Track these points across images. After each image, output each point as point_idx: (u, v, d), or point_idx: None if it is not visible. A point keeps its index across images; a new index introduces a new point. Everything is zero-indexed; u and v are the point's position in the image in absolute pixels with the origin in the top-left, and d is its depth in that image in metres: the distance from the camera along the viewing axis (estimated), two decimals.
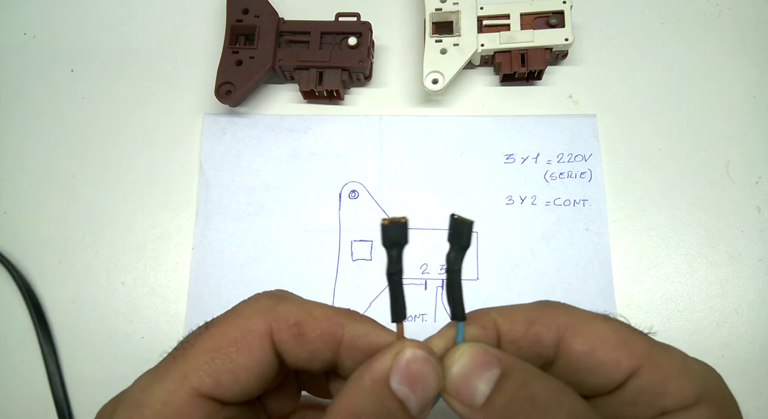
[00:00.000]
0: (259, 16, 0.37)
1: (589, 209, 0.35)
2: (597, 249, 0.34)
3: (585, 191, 0.35)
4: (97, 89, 0.39)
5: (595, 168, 0.36)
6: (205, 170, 0.37)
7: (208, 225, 0.35)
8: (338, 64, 0.36)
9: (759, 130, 0.36)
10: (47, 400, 0.33)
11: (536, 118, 0.37)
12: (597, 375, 0.19)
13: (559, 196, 0.35)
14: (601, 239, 0.34)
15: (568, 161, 0.36)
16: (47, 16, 0.41)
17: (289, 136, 0.37)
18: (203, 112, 0.38)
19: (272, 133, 0.37)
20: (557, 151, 0.36)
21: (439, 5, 0.37)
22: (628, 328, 0.20)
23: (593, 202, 0.35)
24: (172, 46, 0.40)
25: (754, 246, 0.34)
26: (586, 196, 0.35)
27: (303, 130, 0.37)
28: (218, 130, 0.37)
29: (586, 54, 0.38)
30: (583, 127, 0.37)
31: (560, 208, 0.35)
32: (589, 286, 0.33)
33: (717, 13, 0.39)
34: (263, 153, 0.37)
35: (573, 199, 0.35)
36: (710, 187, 0.35)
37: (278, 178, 0.36)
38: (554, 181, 0.36)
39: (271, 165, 0.37)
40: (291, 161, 0.37)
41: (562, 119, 0.37)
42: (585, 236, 0.35)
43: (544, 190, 0.35)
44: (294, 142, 0.37)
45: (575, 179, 0.36)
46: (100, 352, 0.34)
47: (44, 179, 0.37)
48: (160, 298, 0.35)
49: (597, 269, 0.34)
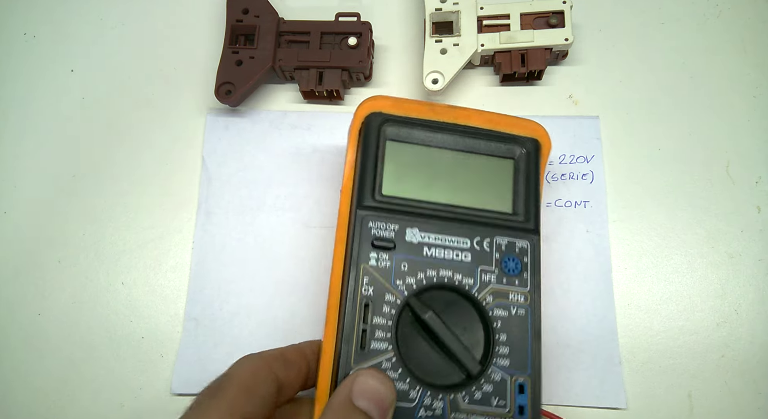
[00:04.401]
0: (259, 16, 0.37)
1: (590, 211, 0.35)
2: (597, 250, 0.34)
3: (586, 193, 0.35)
4: (97, 89, 0.39)
5: (597, 169, 0.36)
6: (207, 165, 0.37)
7: (209, 219, 0.36)
8: (338, 64, 0.36)
9: (759, 130, 0.36)
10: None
11: (538, 119, 0.37)
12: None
13: (560, 198, 0.35)
14: (602, 241, 0.34)
15: (570, 163, 0.36)
16: (47, 16, 0.41)
17: (291, 132, 0.37)
18: (204, 111, 0.38)
19: (275, 129, 0.37)
20: (559, 152, 0.36)
21: (439, 5, 0.37)
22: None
23: (594, 204, 0.35)
24: (172, 46, 0.40)
25: (754, 246, 0.34)
26: (588, 198, 0.35)
27: (306, 127, 0.37)
28: (221, 127, 0.37)
29: (586, 54, 0.39)
30: (585, 129, 0.37)
31: (561, 209, 0.35)
32: (589, 287, 0.33)
33: (717, 13, 0.39)
34: (266, 149, 0.37)
35: (574, 201, 0.35)
36: (710, 187, 0.35)
37: (280, 174, 0.36)
38: (556, 183, 0.36)
39: (274, 161, 0.37)
40: (293, 157, 0.37)
41: (564, 121, 0.37)
42: (586, 237, 0.35)
43: (546, 191, 0.35)
44: (297, 139, 0.37)
45: (577, 180, 0.36)
46: (100, 352, 0.34)
47: (44, 179, 0.37)
48: (160, 298, 0.35)
49: (597, 270, 0.34)
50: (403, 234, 0.27)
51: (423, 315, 0.26)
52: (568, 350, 0.32)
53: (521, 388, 0.26)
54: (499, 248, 0.28)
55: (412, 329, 0.26)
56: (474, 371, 0.25)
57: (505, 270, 0.27)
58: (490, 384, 0.25)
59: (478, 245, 0.27)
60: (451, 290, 0.27)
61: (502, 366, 0.26)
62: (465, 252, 0.27)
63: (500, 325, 0.26)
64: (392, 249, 0.27)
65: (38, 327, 0.34)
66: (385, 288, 0.26)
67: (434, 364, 0.26)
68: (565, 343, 0.32)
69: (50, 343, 0.34)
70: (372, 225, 0.27)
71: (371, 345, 0.25)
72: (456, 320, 0.26)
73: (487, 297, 0.27)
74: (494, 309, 0.27)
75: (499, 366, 0.26)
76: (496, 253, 0.27)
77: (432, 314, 0.26)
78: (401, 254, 0.27)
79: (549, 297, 0.33)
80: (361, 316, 0.26)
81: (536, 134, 0.30)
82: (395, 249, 0.27)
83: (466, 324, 0.26)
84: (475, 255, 0.27)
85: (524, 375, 0.26)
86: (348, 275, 0.26)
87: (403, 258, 0.27)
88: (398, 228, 0.27)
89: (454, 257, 0.27)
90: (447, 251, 0.27)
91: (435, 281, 0.27)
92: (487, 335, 0.26)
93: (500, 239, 0.28)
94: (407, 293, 0.26)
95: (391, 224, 0.27)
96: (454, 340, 0.25)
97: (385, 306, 0.26)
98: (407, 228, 0.27)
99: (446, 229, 0.28)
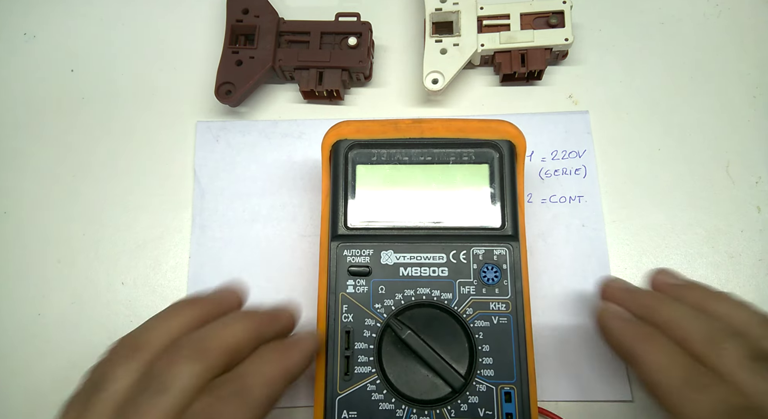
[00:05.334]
0: (259, 16, 0.37)
1: (585, 205, 0.35)
2: (594, 245, 0.34)
3: (580, 187, 0.35)
4: (97, 89, 0.39)
5: (590, 164, 0.36)
6: (199, 178, 0.36)
7: (204, 233, 0.35)
8: (338, 64, 0.36)
9: (759, 130, 0.36)
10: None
11: (529, 116, 0.37)
12: None
13: (554, 194, 0.35)
14: (598, 235, 0.34)
15: (563, 158, 0.36)
16: (47, 16, 0.41)
17: (283, 141, 0.37)
18: (203, 111, 0.38)
19: (266, 138, 0.37)
20: (551, 148, 0.36)
21: (439, 5, 0.37)
22: None
23: (589, 198, 0.35)
24: (172, 46, 0.40)
25: (754, 246, 0.34)
26: (582, 192, 0.35)
27: (297, 135, 0.37)
28: (211, 138, 0.37)
29: (586, 54, 0.39)
30: (576, 124, 0.37)
31: (556, 205, 0.35)
32: (588, 283, 0.33)
33: (717, 13, 0.39)
34: (257, 159, 0.37)
35: (568, 196, 0.35)
36: (710, 186, 0.35)
37: (273, 183, 0.36)
38: (549, 179, 0.36)
39: (266, 171, 0.36)
40: (286, 166, 0.36)
41: (554, 116, 0.37)
42: (582, 232, 0.35)
43: (540, 188, 0.36)
44: (288, 147, 0.37)
45: (570, 176, 0.36)
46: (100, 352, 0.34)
47: (44, 179, 0.37)
48: (160, 298, 0.35)
49: (595, 265, 0.34)
50: (379, 258, 0.28)
51: (402, 335, 0.26)
52: (569, 346, 0.32)
53: (508, 396, 0.26)
54: (477, 259, 0.28)
55: (395, 349, 0.27)
56: (456, 385, 0.26)
57: (483, 281, 0.27)
58: (475, 396, 0.26)
59: (455, 258, 0.28)
60: (431, 306, 0.27)
61: (486, 376, 0.26)
62: (442, 267, 0.28)
63: (482, 336, 0.27)
64: (368, 274, 0.28)
65: (38, 327, 0.34)
66: (365, 313, 0.27)
67: (420, 381, 0.26)
68: (566, 339, 0.32)
69: (50, 343, 0.34)
70: (347, 253, 0.28)
71: (355, 369, 0.26)
72: (438, 335, 0.27)
73: (467, 309, 0.27)
74: (475, 321, 0.27)
75: (483, 377, 0.26)
76: (474, 264, 0.28)
77: (410, 333, 0.26)
78: (378, 278, 0.28)
79: (547, 294, 0.33)
80: (344, 343, 0.27)
81: (509, 135, 0.29)
82: (371, 273, 0.28)
83: (449, 338, 0.27)
84: (452, 268, 0.28)
85: (510, 383, 0.26)
86: (329, 304, 0.27)
87: (380, 281, 0.28)
88: (373, 253, 0.28)
89: (431, 273, 0.28)
90: (423, 269, 0.28)
91: (413, 300, 0.27)
92: (470, 347, 0.27)
93: (477, 249, 0.28)
94: (387, 315, 0.27)
95: (365, 250, 0.28)
96: (434, 357, 0.26)
97: (366, 331, 0.27)
98: (382, 251, 0.28)
99: (421, 247, 0.28)
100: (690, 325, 0.24)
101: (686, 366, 0.23)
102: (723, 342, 0.23)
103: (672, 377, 0.23)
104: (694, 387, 0.22)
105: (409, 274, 0.28)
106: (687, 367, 0.23)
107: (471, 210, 0.28)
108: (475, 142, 0.29)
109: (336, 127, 0.30)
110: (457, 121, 0.30)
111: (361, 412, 0.26)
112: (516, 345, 0.27)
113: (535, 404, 0.26)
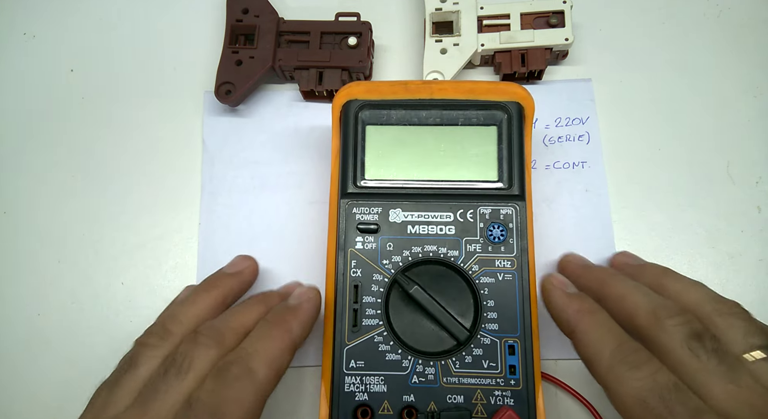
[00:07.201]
0: (259, 16, 0.37)
1: (588, 170, 0.36)
2: (597, 209, 0.35)
3: (584, 153, 0.36)
4: (97, 89, 0.39)
5: (593, 130, 0.36)
6: (208, 146, 0.37)
7: (215, 199, 0.36)
8: (338, 64, 0.36)
9: (759, 130, 0.36)
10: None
11: (533, 88, 0.37)
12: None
13: (558, 160, 0.36)
14: (601, 199, 0.35)
15: (566, 125, 0.37)
16: (47, 16, 0.41)
17: (289, 110, 0.38)
18: (202, 110, 0.38)
19: (273, 108, 0.38)
20: (554, 115, 0.37)
21: (439, 5, 0.37)
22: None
23: (592, 164, 0.36)
24: (172, 46, 0.40)
25: (754, 246, 0.34)
26: (585, 158, 0.36)
27: (303, 105, 0.38)
28: (219, 108, 0.38)
29: (586, 54, 0.39)
30: (579, 92, 0.37)
31: (560, 171, 0.36)
32: (591, 248, 0.34)
33: (717, 13, 0.39)
34: (265, 128, 0.37)
35: (572, 162, 0.36)
36: (710, 186, 0.35)
37: (280, 152, 0.37)
38: (553, 145, 0.36)
39: (273, 139, 0.37)
40: (293, 135, 0.37)
41: (557, 84, 0.38)
42: (585, 197, 0.35)
43: (544, 154, 0.36)
44: (295, 117, 0.38)
45: (574, 142, 0.36)
46: (100, 352, 0.34)
47: (44, 179, 0.37)
48: (160, 298, 0.35)
49: (599, 229, 0.34)
50: (387, 216, 0.29)
51: (409, 289, 0.27)
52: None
53: (512, 349, 0.27)
54: (483, 218, 0.28)
55: (402, 303, 0.28)
56: (461, 337, 0.27)
57: (490, 239, 0.28)
58: (480, 349, 0.27)
59: (462, 217, 0.28)
60: (438, 263, 0.28)
61: (490, 330, 0.27)
62: (449, 225, 0.28)
63: (487, 292, 0.27)
64: (377, 231, 0.28)
65: (38, 327, 0.34)
66: (373, 269, 0.28)
67: (426, 334, 0.27)
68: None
69: (50, 343, 0.34)
70: (356, 211, 0.29)
71: (363, 322, 0.27)
72: (444, 291, 0.28)
73: (473, 266, 0.28)
74: (481, 278, 0.28)
75: (487, 331, 0.27)
76: (480, 223, 0.28)
77: (417, 288, 0.27)
78: (386, 235, 0.28)
79: (551, 259, 0.33)
80: (352, 297, 0.27)
81: (517, 97, 0.30)
82: (380, 231, 0.28)
83: (455, 294, 0.28)
84: (459, 227, 0.28)
85: (514, 337, 0.27)
86: (337, 260, 0.28)
87: (389, 238, 0.28)
88: (382, 211, 0.29)
89: (438, 232, 0.28)
90: (431, 227, 0.28)
91: (421, 256, 0.28)
92: (475, 302, 0.27)
93: (484, 209, 0.29)
94: (394, 271, 0.28)
95: (374, 208, 0.29)
96: (440, 310, 0.27)
97: (374, 285, 0.28)
98: (390, 209, 0.29)
99: (429, 206, 0.29)
100: (638, 300, 0.25)
101: (622, 342, 0.23)
102: (668, 319, 0.23)
103: (605, 353, 0.23)
104: (626, 364, 0.22)
105: (417, 232, 0.28)
106: (622, 344, 0.23)
107: (478, 171, 0.29)
108: (483, 103, 0.29)
109: (347, 87, 0.30)
110: (466, 83, 0.30)
111: (369, 362, 0.27)
112: (520, 301, 0.27)
113: (538, 357, 0.27)
